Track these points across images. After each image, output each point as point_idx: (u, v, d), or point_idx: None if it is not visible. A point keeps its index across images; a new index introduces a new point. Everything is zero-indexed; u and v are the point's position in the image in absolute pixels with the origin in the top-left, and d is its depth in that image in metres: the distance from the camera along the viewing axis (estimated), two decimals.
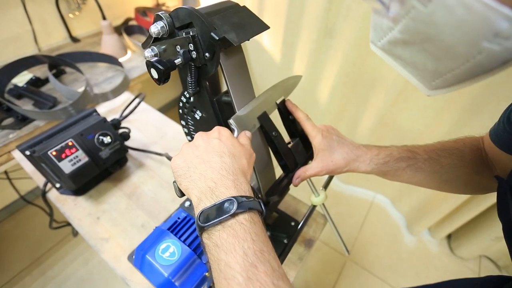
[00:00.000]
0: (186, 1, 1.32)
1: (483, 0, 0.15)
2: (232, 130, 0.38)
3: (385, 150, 0.42)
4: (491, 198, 1.03)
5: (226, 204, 0.28)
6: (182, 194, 0.34)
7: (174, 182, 0.34)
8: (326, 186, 0.51)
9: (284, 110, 0.45)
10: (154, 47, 0.38)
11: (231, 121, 0.38)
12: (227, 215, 0.27)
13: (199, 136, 0.36)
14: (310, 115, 0.45)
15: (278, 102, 0.44)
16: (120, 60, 1.02)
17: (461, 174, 0.42)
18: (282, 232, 0.56)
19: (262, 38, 1.29)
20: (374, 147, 0.43)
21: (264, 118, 0.41)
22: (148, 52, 0.38)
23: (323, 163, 0.41)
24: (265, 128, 0.42)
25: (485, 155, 0.42)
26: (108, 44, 1.04)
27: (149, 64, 0.33)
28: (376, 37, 0.24)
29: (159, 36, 0.36)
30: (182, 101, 0.45)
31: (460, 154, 0.42)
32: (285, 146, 0.44)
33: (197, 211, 0.29)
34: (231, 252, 0.25)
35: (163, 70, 0.33)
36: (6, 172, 1.10)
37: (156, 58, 0.34)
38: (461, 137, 0.45)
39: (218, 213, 0.27)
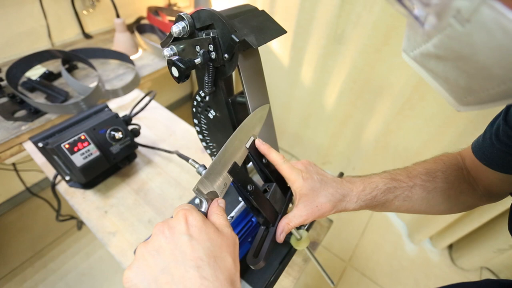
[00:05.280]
0: (198, 2, 1.34)
1: None
2: (200, 202, 0.32)
3: (369, 183, 0.40)
4: (494, 210, 1.03)
5: None
6: None
7: None
8: (308, 228, 0.46)
9: (256, 154, 0.40)
10: (173, 46, 0.39)
11: (195, 191, 0.31)
12: None
13: (160, 232, 0.25)
14: (315, 121, 0.44)
15: (247, 146, 0.39)
16: (131, 58, 1.03)
17: (447, 197, 0.41)
18: (288, 233, 0.57)
19: (271, 41, 1.31)
20: (358, 180, 0.40)
21: (235, 172, 0.35)
22: (168, 51, 0.39)
23: (308, 210, 0.36)
24: (238, 184, 0.36)
25: (467, 173, 0.42)
26: (121, 42, 1.06)
27: (171, 63, 0.34)
28: (408, 47, 0.23)
29: (180, 36, 0.37)
30: (196, 100, 0.46)
31: (443, 176, 0.41)
32: (263, 200, 0.38)
33: None
34: None
35: (184, 69, 0.34)
36: (13, 164, 1.11)
37: (177, 57, 0.35)
38: (439, 155, 0.44)
39: None
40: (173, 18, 1.29)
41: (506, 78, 0.17)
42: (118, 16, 1.05)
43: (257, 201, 0.37)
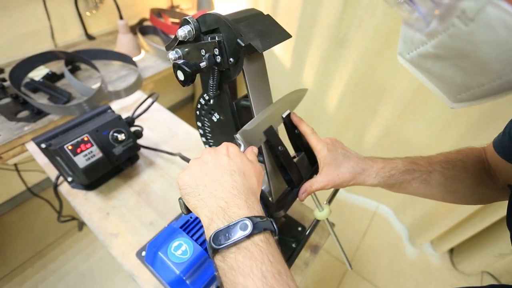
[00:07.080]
0: (201, 4, 1.34)
1: None
2: (238, 145, 0.38)
3: (390, 162, 0.42)
4: (495, 214, 1.02)
5: (240, 225, 0.27)
6: (188, 211, 0.34)
7: (180, 199, 0.34)
8: (330, 200, 0.50)
9: (290, 124, 0.45)
10: (178, 50, 0.40)
11: (237, 135, 0.37)
12: (242, 236, 0.26)
13: (207, 152, 0.35)
14: (317, 123, 0.46)
15: (284, 116, 0.44)
16: (134, 59, 1.04)
17: (465, 186, 0.42)
18: (290, 237, 0.57)
19: None
20: (379, 159, 0.43)
21: (270, 133, 0.41)
22: (173, 54, 0.39)
23: (329, 177, 0.41)
24: (271, 143, 0.41)
25: (488, 166, 0.43)
26: (123, 43, 1.06)
27: (176, 66, 0.35)
28: (405, 50, 0.24)
29: (185, 40, 0.37)
30: (200, 103, 0.46)
31: (463, 165, 0.42)
32: (290, 160, 0.43)
33: (208, 232, 0.28)
34: (249, 275, 0.25)
35: (189, 73, 0.34)
36: (15, 164, 1.11)
37: (182, 61, 0.35)
38: (463, 148, 0.45)
39: (232, 234, 0.27)
40: (176, 20, 1.30)
41: (502, 73, 0.19)
42: (121, 17, 1.05)
43: (285, 161, 0.42)
